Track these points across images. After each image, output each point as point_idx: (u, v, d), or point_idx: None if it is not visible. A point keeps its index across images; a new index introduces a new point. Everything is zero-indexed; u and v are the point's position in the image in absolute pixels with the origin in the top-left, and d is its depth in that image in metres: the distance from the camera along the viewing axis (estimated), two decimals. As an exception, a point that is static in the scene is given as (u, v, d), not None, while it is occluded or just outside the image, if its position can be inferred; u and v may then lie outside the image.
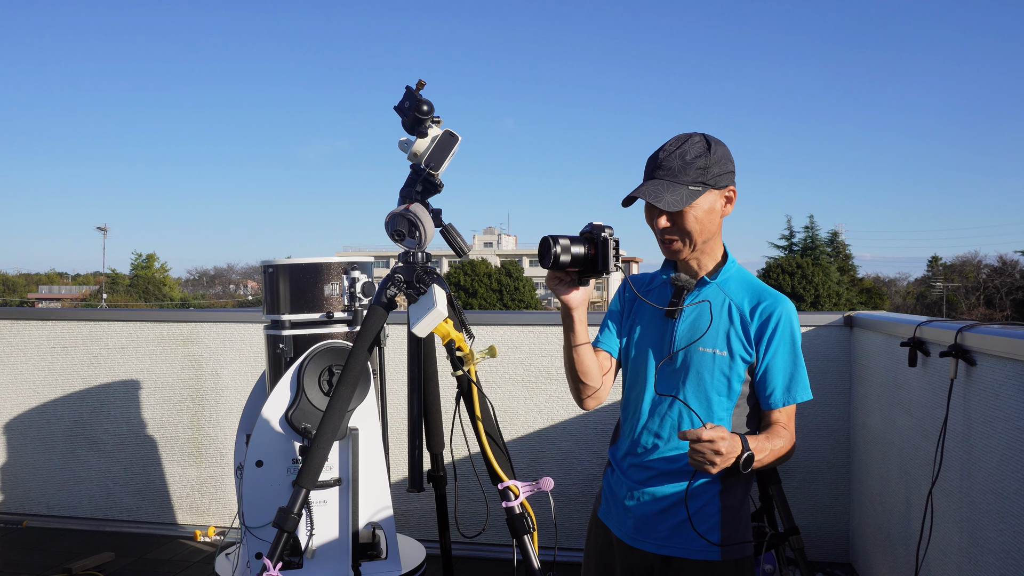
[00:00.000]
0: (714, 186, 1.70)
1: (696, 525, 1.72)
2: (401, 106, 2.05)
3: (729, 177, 1.73)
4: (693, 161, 1.68)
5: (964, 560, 2.28)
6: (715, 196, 1.72)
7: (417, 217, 2.11)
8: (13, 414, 4.58)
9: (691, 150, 1.70)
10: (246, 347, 4.33)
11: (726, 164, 1.72)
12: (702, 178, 1.68)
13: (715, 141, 1.73)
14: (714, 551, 1.73)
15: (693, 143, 1.71)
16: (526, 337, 4.05)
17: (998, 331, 2.11)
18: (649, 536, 1.77)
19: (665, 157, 1.70)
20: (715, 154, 1.70)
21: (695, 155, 1.69)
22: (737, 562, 1.77)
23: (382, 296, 2.23)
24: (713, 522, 1.74)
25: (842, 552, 3.82)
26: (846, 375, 3.76)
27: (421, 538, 3.26)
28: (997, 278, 53.52)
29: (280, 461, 2.75)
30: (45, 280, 79.90)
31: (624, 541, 1.81)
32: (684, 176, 1.67)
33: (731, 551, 1.75)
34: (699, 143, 1.71)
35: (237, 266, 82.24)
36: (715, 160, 1.70)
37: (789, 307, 1.75)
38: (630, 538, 1.80)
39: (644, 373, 1.80)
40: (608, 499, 1.88)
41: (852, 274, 45.00)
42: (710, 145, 1.71)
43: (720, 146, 1.73)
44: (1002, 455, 2.04)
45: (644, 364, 1.81)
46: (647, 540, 1.77)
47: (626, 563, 1.81)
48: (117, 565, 3.88)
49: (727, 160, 1.73)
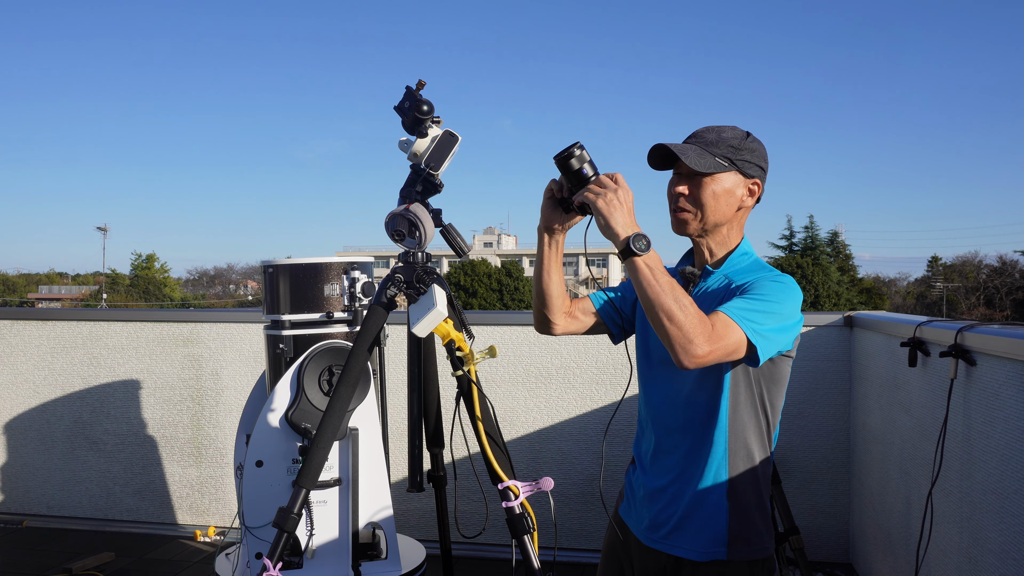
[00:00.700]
0: (740, 169, 1.72)
1: (703, 525, 1.70)
2: (401, 106, 2.05)
3: (757, 170, 1.74)
4: (727, 139, 1.72)
5: (964, 560, 2.28)
6: (739, 180, 1.73)
7: (417, 217, 2.11)
8: (13, 414, 4.58)
9: (728, 131, 1.74)
10: (246, 347, 4.33)
11: (758, 158, 1.74)
12: (731, 155, 1.71)
13: (757, 139, 1.77)
14: (720, 551, 1.70)
15: (733, 128, 1.76)
16: (526, 337, 4.05)
17: (998, 331, 2.11)
18: (660, 536, 1.76)
19: (702, 131, 1.75)
20: (751, 144, 1.74)
21: (731, 136, 1.73)
22: (750, 563, 1.72)
23: (382, 296, 2.23)
24: (721, 522, 1.71)
25: (842, 552, 3.82)
26: (846, 375, 3.76)
27: (421, 538, 3.26)
28: (997, 278, 53.52)
29: (280, 461, 2.75)
30: (45, 280, 79.90)
31: (641, 541, 1.81)
32: (715, 148, 1.71)
33: (741, 551, 1.71)
34: (738, 130, 1.76)
35: (237, 266, 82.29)
36: (749, 147, 1.73)
37: (785, 278, 1.67)
38: (646, 537, 1.79)
39: (652, 369, 1.82)
40: (629, 496, 1.89)
41: (852, 274, 44.98)
42: (748, 135, 1.75)
43: (758, 142, 1.76)
44: (1002, 455, 2.04)
45: (652, 359, 1.82)
46: (659, 540, 1.76)
47: (642, 563, 1.80)
48: (117, 565, 3.88)
49: (761, 156, 1.75)
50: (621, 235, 1.52)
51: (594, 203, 1.56)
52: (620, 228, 1.53)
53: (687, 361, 1.49)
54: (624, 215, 1.54)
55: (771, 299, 1.62)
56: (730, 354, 1.54)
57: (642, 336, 1.87)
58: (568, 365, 4.02)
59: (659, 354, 1.79)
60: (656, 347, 1.79)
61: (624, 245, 1.51)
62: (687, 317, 1.48)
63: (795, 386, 3.81)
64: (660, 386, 1.79)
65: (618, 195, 1.55)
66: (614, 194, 1.55)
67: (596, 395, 3.99)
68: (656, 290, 1.49)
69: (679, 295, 1.50)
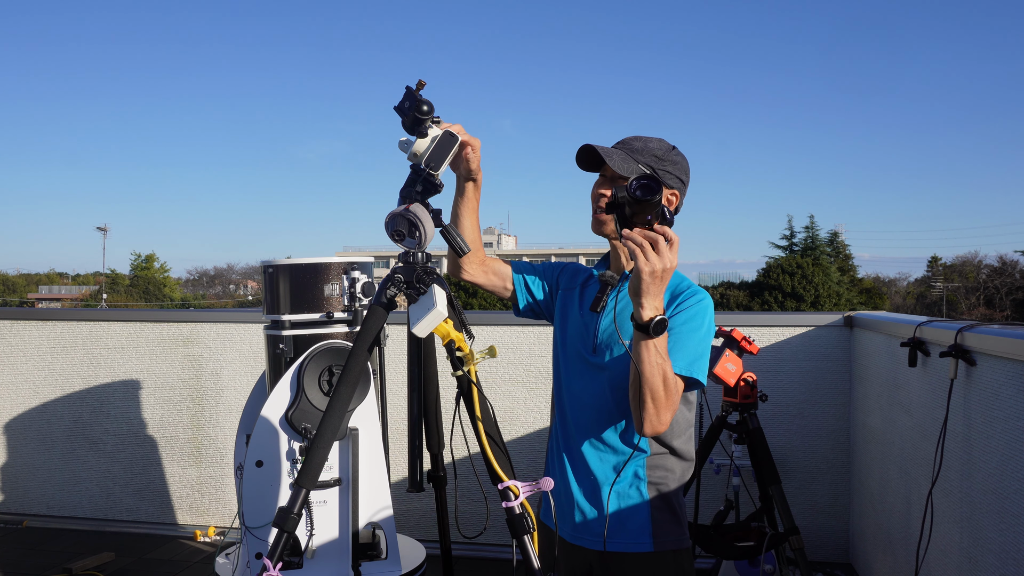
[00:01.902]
0: (661, 179, 1.73)
1: (626, 517, 1.74)
2: (401, 106, 2.04)
3: (677, 182, 1.81)
4: (652, 149, 1.80)
5: (964, 560, 2.28)
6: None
7: (417, 217, 2.11)
8: (13, 414, 4.58)
9: (655, 142, 1.82)
10: (246, 347, 4.33)
11: (680, 171, 1.82)
12: (654, 164, 1.78)
13: (681, 154, 1.84)
14: (645, 542, 1.74)
15: (660, 140, 1.84)
16: (526, 337, 4.05)
17: (998, 331, 2.11)
18: (586, 532, 1.79)
19: (631, 139, 1.84)
20: (674, 156, 1.82)
21: (656, 146, 1.81)
22: (675, 553, 1.76)
23: (382, 296, 2.23)
24: (643, 514, 1.75)
25: (842, 552, 3.81)
26: (846, 375, 3.76)
27: (421, 538, 3.26)
28: (997, 278, 53.51)
29: (280, 461, 2.75)
30: (45, 280, 79.89)
31: (566, 539, 1.83)
32: (640, 156, 1.79)
33: (664, 542, 1.75)
34: (664, 143, 1.84)
35: (237, 266, 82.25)
36: (672, 159, 1.81)
37: (704, 297, 1.75)
38: (570, 535, 1.82)
39: (569, 367, 1.86)
40: (546, 498, 1.92)
41: (852, 274, 44.94)
42: (673, 148, 1.83)
43: (682, 157, 1.84)
44: (1002, 455, 2.04)
45: (569, 359, 1.87)
46: (584, 536, 1.79)
47: (568, 562, 1.83)
48: (117, 565, 3.88)
49: (682, 169, 1.83)
50: (646, 315, 1.51)
51: (639, 267, 1.49)
52: (649, 308, 1.51)
53: (649, 433, 1.62)
54: (660, 297, 1.52)
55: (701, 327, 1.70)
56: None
57: (560, 329, 1.92)
58: (568, 365, 4.02)
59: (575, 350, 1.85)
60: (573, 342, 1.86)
61: (644, 323, 1.51)
62: (667, 398, 1.58)
63: (795, 386, 3.81)
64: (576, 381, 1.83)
65: (664, 274, 1.50)
66: (662, 271, 1.49)
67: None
68: (652, 371, 1.55)
69: (668, 373, 1.57)
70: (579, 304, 1.90)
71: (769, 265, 37.49)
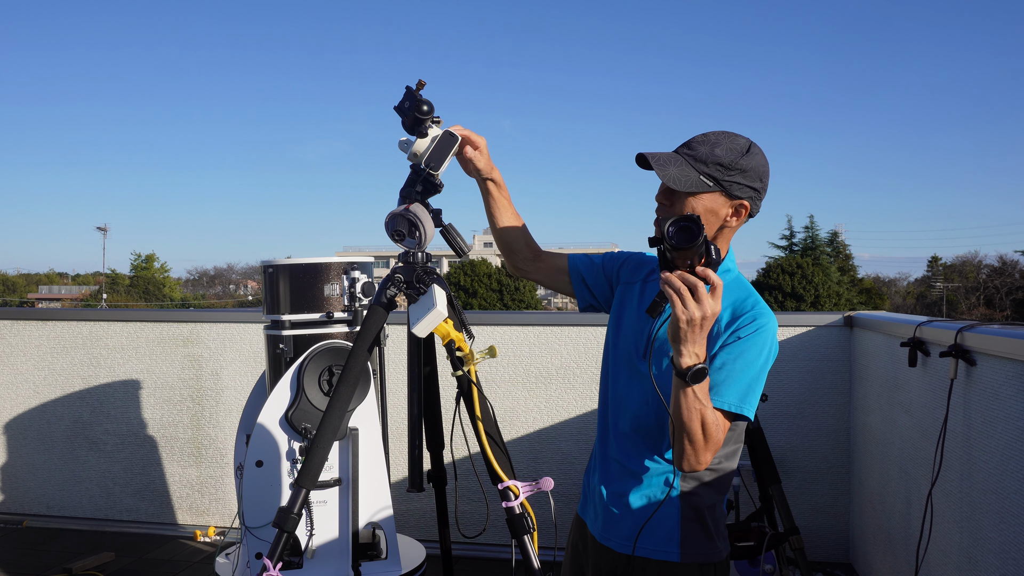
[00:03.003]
0: (726, 191, 1.63)
1: (655, 524, 1.67)
2: (401, 106, 2.04)
3: (747, 191, 1.64)
4: (719, 156, 1.62)
5: (964, 560, 2.28)
6: (722, 201, 1.64)
7: (417, 217, 2.11)
8: (13, 414, 4.58)
9: (724, 146, 1.63)
10: (246, 347, 4.33)
11: (752, 178, 1.64)
12: (718, 175, 1.61)
13: (757, 154, 1.65)
14: (672, 552, 1.67)
15: (733, 141, 1.65)
16: (526, 337, 4.05)
17: (998, 331, 2.11)
18: (614, 534, 1.75)
19: (698, 140, 1.66)
20: (746, 163, 1.63)
21: (724, 152, 1.62)
22: (702, 567, 1.69)
23: (382, 296, 2.23)
24: (672, 523, 1.68)
25: (842, 552, 3.81)
26: (846, 375, 3.76)
27: (421, 538, 3.26)
28: (997, 278, 53.51)
29: (280, 461, 2.75)
30: (45, 280, 79.90)
31: (596, 539, 1.80)
32: (703, 165, 1.62)
33: (692, 553, 1.68)
34: (739, 145, 1.64)
35: (237, 266, 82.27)
36: (741, 167, 1.62)
37: (766, 321, 1.62)
38: (600, 535, 1.79)
39: (617, 367, 1.80)
40: (585, 494, 1.89)
41: (852, 274, 44.94)
42: (747, 153, 1.64)
43: (757, 159, 1.65)
44: (1002, 455, 2.04)
45: (619, 358, 1.80)
46: (612, 538, 1.75)
47: (596, 561, 1.80)
48: (117, 565, 3.88)
49: (755, 176, 1.64)
50: (685, 363, 1.44)
51: (676, 314, 1.41)
52: (688, 356, 1.44)
53: (687, 471, 1.56)
54: (700, 344, 1.43)
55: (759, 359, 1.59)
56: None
57: (614, 325, 1.84)
58: (568, 365, 4.02)
59: (625, 352, 1.77)
60: (625, 342, 1.78)
61: (682, 371, 1.44)
62: (706, 440, 1.50)
63: (795, 386, 3.81)
64: (622, 382, 1.78)
65: (704, 322, 1.41)
66: (701, 319, 1.40)
67: (596, 395, 3.98)
68: (690, 415, 1.48)
69: (707, 417, 1.49)
70: (638, 302, 1.80)
71: (769, 265, 37.51)
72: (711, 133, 1.67)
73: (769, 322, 1.62)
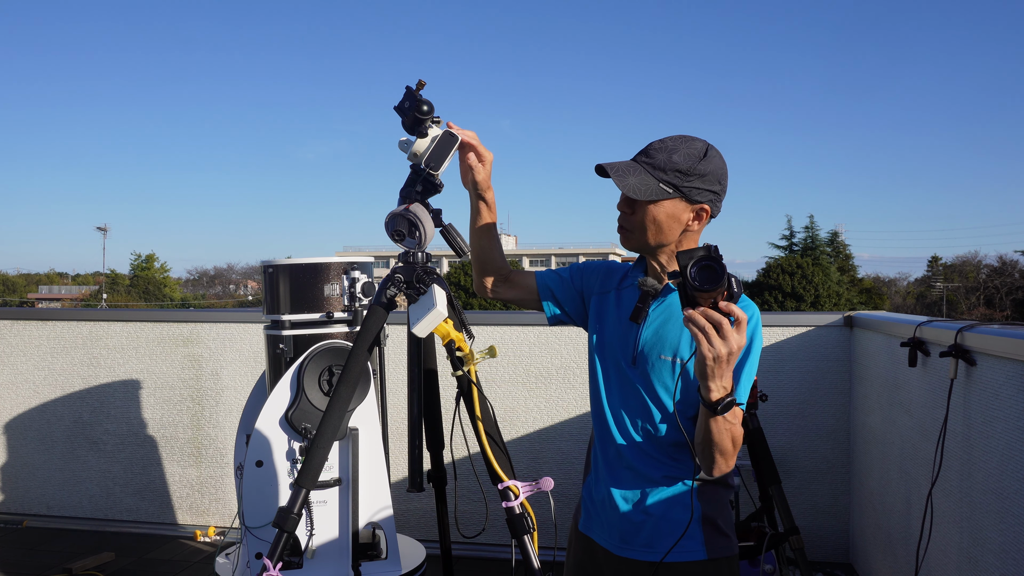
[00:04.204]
0: (686, 196, 1.64)
1: (677, 526, 1.67)
2: (401, 106, 2.04)
3: (707, 195, 1.65)
4: (676, 163, 1.63)
5: (964, 560, 2.28)
6: (684, 206, 1.66)
7: (417, 217, 2.11)
8: (13, 414, 4.58)
9: (682, 151, 1.64)
10: (246, 347, 4.33)
11: (711, 182, 1.65)
12: (677, 181, 1.63)
13: (715, 156, 1.66)
14: (698, 550, 1.68)
15: (689, 146, 1.65)
16: (526, 337, 4.05)
17: (998, 331, 2.11)
18: (636, 542, 1.71)
19: (656, 148, 1.67)
20: (704, 167, 1.64)
21: (682, 159, 1.63)
22: (728, 561, 1.72)
23: (382, 296, 2.23)
24: (695, 521, 1.68)
25: (842, 552, 3.81)
26: (846, 375, 3.76)
27: (421, 538, 3.26)
28: (997, 278, 53.51)
29: (280, 461, 2.75)
30: (45, 280, 79.92)
31: (611, 551, 1.75)
32: (661, 172, 1.63)
33: (716, 548, 1.70)
34: (696, 150, 1.65)
35: (237, 266, 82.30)
36: (700, 172, 1.64)
37: (753, 315, 1.64)
38: (617, 547, 1.74)
39: (607, 375, 1.78)
40: (588, 508, 1.84)
41: (852, 274, 44.94)
42: (704, 157, 1.65)
43: (715, 163, 1.66)
44: (1002, 455, 2.04)
45: (607, 366, 1.78)
46: (634, 547, 1.71)
47: (616, 574, 1.75)
48: (117, 565, 3.88)
49: (715, 179, 1.66)
50: (714, 396, 1.43)
51: (703, 352, 1.39)
52: (716, 390, 1.43)
53: (717, 476, 1.59)
54: (727, 377, 1.43)
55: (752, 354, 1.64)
56: None
57: (598, 334, 1.81)
58: (568, 365, 4.02)
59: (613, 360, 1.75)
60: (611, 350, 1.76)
61: (711, 403, 1.44)
62: (735, 448, 1.54)
63: (795, 386, 3.81)
64: (615, 389, 1.75)
65: (731, 357, 1.39)
66: (727, 355, 1.39)
67: (596, 395, 3.98)
68: (721, 436, 1.50)
69: (736, 432, 1.52)
70: (616, 310, 1.80)
71: (769, 265, 37.47)
72: (667, 139, 1.68)
73: (754, 315, 1.66)
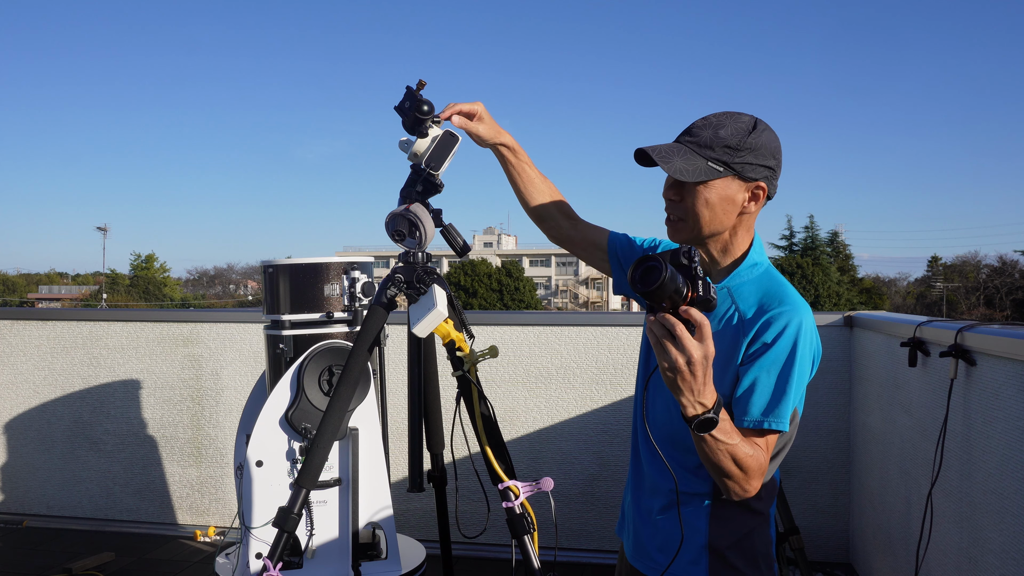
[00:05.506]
0: (739, 174, 1.47)
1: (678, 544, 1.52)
2: (401, 106, 2.04)
3: (761, 171, 1.49)
4: (725, 138, 1.47)
5: (964, 560, 2.28)
6: (737, 186, 1.49)
7: (417, 217, 2.11)
8: (13, 414, 4.58)
9: (729, 126, 1.48)
10: (246, 347, 4.33)
11: (764, 156, 1.49)
12: (728, 158, 1.46)
13: (765, 129, 1.50)
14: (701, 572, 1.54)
15: (736, 121, 1.49)
16: (526, 337, 4.05)
17: (998, 331, 2.11)
18: (643, 555, 1.65)
19: (699, 125, 1.51)
20: (755, 140, 1.47)
21: (730, 133, 1.47)
22: None
23: (382, 296, 2.23)
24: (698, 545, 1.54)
25: (842, 552, 3.82)
26: (846, 375, 3.76)
27: (421, 538, 3.25)
28: (997, 278, 53.52)
29: (280, 461, 2.75)
30: (45, 280, 79.92)
31: (628, 560, 1.71)
32: (708, 150, 1.47)
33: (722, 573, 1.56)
34: (743, 124, 1.49)
35: (237, 266, 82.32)
36: (751, 146, 1.47)
37: (792, 317, 1.46)
38: (631, 556, 1.70)
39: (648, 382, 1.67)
40: (622, 511, 1.81)
41: (852, 274, 45.00)
42: (753, 130, 1.49)
43: (766, 135, 1.49)
44: (1002, 455, 2.04)
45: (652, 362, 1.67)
46: (641, 559, 1.65)
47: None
48: (117, 565, 3.88)
49: (767, 153, 1.49)
50: (689, 413, 1.33)
51: (663, 369, 1.29)
52: (689, 406, 1.32)
53: (737, 499, 1.46)
54: (701, 391, 1.30)
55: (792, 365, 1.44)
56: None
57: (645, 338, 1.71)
58: (568, 365, 4.02)
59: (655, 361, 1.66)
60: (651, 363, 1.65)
61: (688, 420, 1.34)
62: (746, 471, 1.40)
63: (795, 386, 3.81)
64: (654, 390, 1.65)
65: (692, 367, 1.26)
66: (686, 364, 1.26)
67: (596, 395, 3.98)
68: (718, 456, 1.37)
69: (739, 453, 1.37)
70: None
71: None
72: (711, 116, 1.52)
73: (794, 318, 1.45)
